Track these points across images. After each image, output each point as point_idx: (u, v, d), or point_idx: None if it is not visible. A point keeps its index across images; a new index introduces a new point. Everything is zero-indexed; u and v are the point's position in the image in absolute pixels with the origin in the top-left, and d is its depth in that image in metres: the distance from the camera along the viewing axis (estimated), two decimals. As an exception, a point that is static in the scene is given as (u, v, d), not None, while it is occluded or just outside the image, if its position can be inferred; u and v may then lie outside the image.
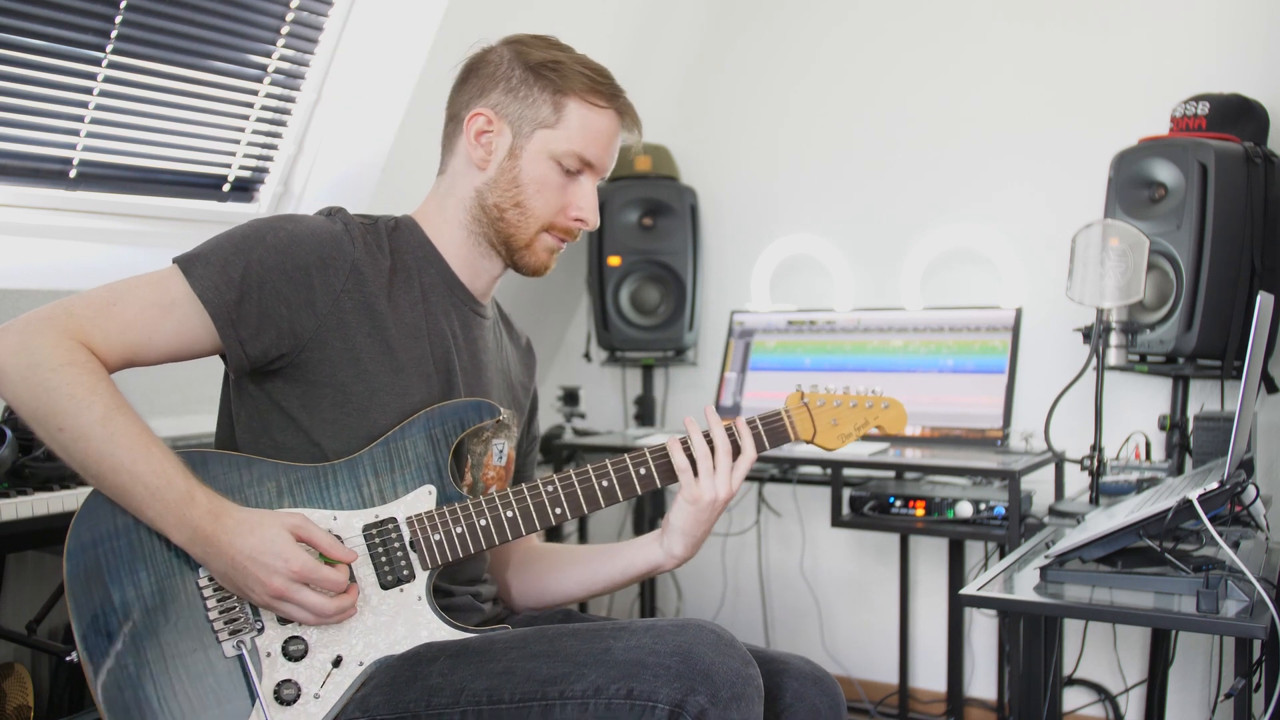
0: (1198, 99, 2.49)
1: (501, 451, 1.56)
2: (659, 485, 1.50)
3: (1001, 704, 2.89)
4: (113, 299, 1.34)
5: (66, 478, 1.99)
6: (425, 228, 1.52)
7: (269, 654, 1.32)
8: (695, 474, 1.48)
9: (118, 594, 1.31)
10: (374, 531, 1.39)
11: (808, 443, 1.56)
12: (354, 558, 1.35)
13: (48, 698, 2.28)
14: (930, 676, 3.15)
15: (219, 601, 1.32)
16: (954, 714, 2.90)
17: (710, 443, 1.49)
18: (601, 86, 1.48)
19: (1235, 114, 2.47)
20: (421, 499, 1.41)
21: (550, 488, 1.45)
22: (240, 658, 1.31)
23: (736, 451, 1.50)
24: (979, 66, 3.07)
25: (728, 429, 1.51)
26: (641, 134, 1.55)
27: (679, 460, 1.48)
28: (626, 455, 1.49)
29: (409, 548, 1.39)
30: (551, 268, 1.54)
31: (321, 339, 1.39)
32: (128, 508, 1.30)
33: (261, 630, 1.33)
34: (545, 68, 1.47)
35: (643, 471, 1.48)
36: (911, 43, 3.16)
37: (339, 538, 1.37)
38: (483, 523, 1.42)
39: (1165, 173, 2.43)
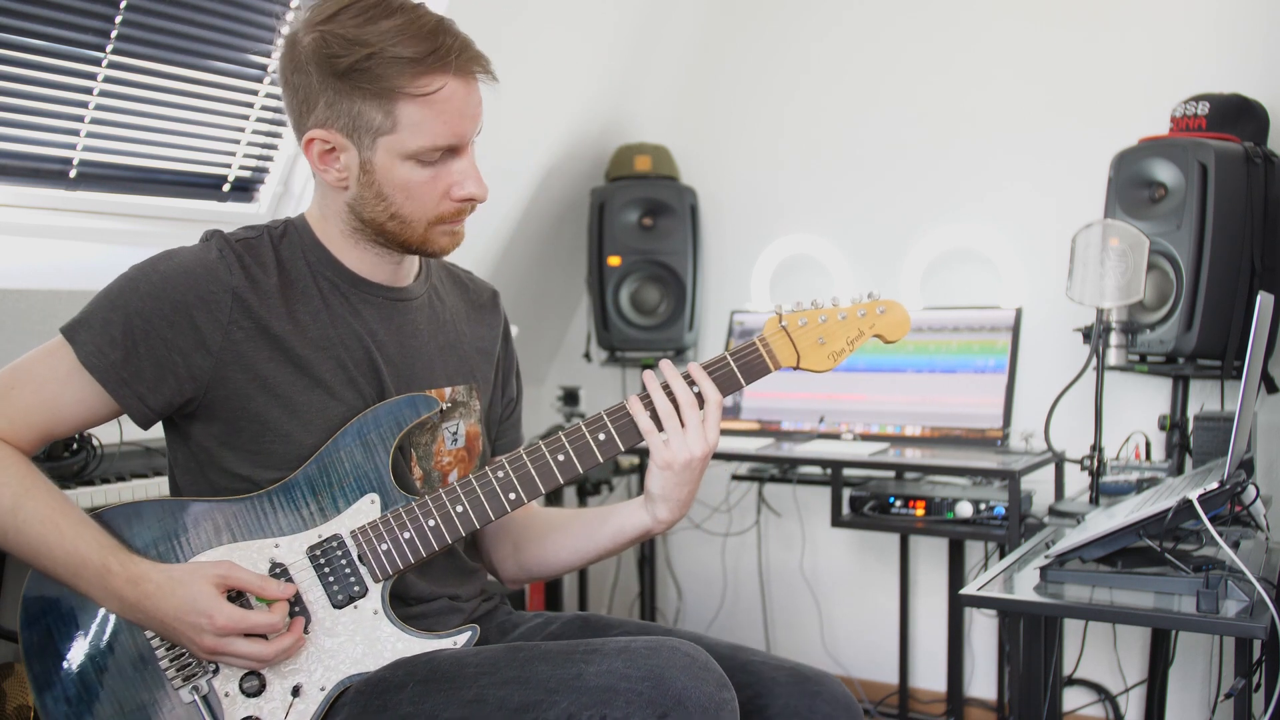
0: (1198, 99, 2.49)
1: (455, 434, 1.49)
2: (622, 449, 1.38)
3: (1001, 704, 2.89)
4: (11, 383, 1.32)
5: (67, 477, 1.99)
6: (315, 230, 1.42)
7: (227, 694, 1.30)
8: (665, 435, 1.37)
9: (71, 658, 1.30)
10: (319, 552, 1.34)
11: (793, 369, 1.43)
12: (289, 593, 1.31)
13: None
14: (930, 676, 3.14)
15: (169, 650, 1.31)
16: (954, 714, 2.90)
17: (673, 398, 1.37)
18: (424, 65, 1.29)
19: (1235, 114, 2.47)
20: (364, 509, 1.36)
21: (500, 472, 1.36)
22: (195, 703, 1.30)
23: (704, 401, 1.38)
24: (979, 66, 3.07)
25: (685, 377, 1.38)
26: (492, 71, 1.36)
27: (644, 423, 1.37)
28: (581, 421, 1.38)
29: (357, 562, 1.35)
30: (460, 240, 1.41)
31: (222, 376, 1.33)
32: (62, 584, 1.30)
33: (216, 671, 1.31)
34: (355, 72, 1.29)
35: (601, 437, 1.37)
36: (911, 42, 3.16)
37: (284, 565, 1.33)
38: (431, 523, 1.36)
39: (1165, 173, 2.43)
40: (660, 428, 1.37)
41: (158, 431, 1.43)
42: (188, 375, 1.33)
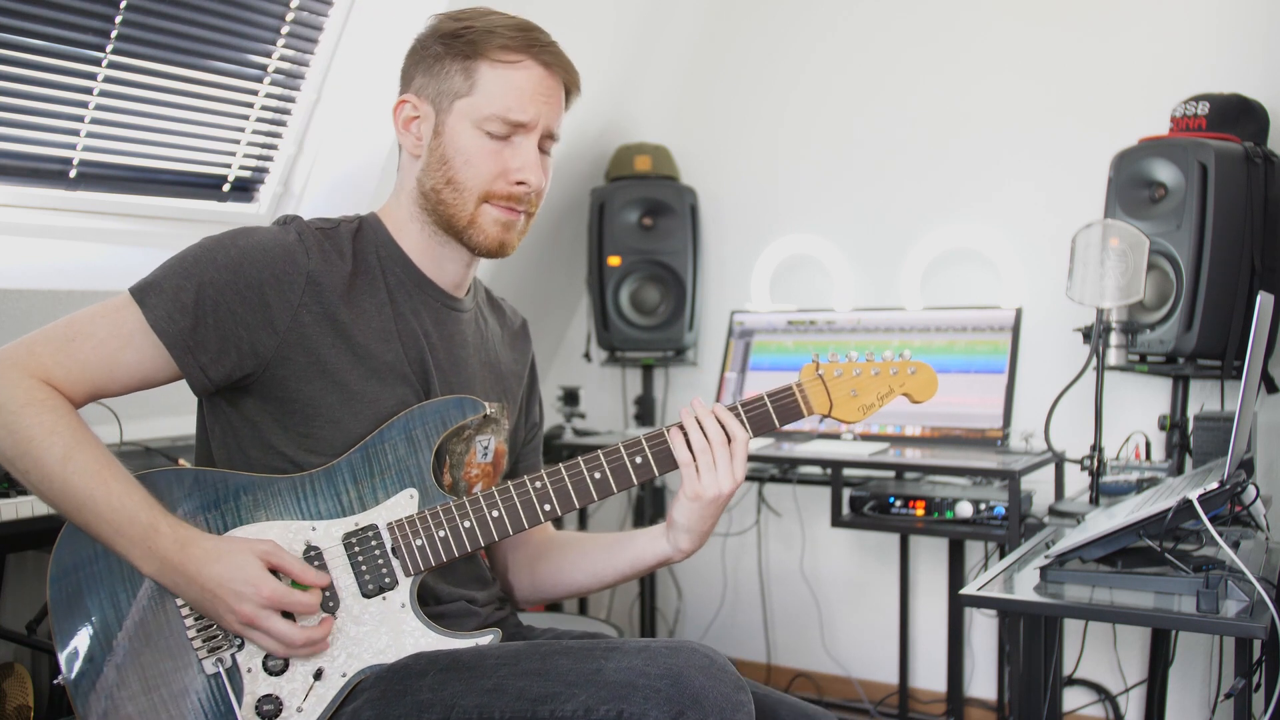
0: (1198, 99, 2.49)
1: (486, 448, 1.52)
2: (656, 475, 1.44)
3: (1001, 704, 2.89)
4: (71, 335, 1.32)
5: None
6: (388, 225, 1.48)
7: (249, 669, 1.31)
8: (696, 468, 1.43)
9: (98, 617, 1.31)
10: (354, 540, 1.36)
11: (824, 416, 1.49)
12: (326, 581, 1.33)
13: (47, 698, 2.28)
14: (930, 676, 3.14)
15: (197, 620, 1.32)
16: (954, 714, 2.90)
17: (705, 434, 1.43)
18: (512, 41, 1.40)
19: (1235, 114, 2.47)
20: (403, 503, 1.38)
21: (538, 484, 1.41)
22: (218, 675, 1.30)
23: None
24: (979, 66, 3.07)
25: (720, 416, 1.44)
26: (578, 81, 1.46)
27: (682, 455, 1.42)
28: (620, 444, 1.43)
29: (390, 554, 1.37)
30: (512, 245, 1.46)
31: (285, 355, 1.36)
32: (99, 541, 1.30)
33: (241, 646, 1.32)
34: (454, 37, 1.41)
35: (639, 461, 1.43)
36: (911, 42, 3.16)
37: (318, 550, 1.35)
38: (467, 525, 1.38)
39: (1165, 173, 2.43)
40: (696, 461, 1.42)
41: (159, 431, 1.43)
42: (251, 351, 1.35)
